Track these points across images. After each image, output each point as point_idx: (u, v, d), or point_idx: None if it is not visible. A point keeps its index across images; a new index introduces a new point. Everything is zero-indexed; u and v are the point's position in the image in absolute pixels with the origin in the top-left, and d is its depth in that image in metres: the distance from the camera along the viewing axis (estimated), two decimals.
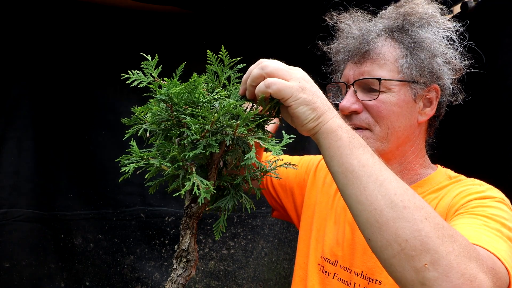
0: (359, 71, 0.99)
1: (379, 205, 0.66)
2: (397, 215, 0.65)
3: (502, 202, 0.88)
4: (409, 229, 0.64)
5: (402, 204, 0.65)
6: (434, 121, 1.05)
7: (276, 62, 0.76)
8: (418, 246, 0.63)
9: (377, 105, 0.96)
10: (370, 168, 0.69)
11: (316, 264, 1.10)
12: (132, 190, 1.90)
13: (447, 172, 1.04)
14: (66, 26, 1.78)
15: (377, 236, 0.66)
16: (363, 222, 0.68)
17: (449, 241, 0.63)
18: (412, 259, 0.63)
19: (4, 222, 1.70)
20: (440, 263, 0.61)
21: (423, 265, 0.62)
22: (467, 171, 1.05)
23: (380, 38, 0.99)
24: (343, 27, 1.06)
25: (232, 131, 0.73)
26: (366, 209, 0.67)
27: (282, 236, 2.06)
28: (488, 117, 1.59)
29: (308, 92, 0.73)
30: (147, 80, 0.79)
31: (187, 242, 0.80)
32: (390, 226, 0.65)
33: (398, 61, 0.97)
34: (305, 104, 0.72)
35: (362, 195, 0.68)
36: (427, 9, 1.00)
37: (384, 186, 0.67)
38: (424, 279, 0.62)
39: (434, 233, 0.63)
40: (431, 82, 0.98)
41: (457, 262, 0.62)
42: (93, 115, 1.86)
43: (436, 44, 0.97)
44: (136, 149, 0.75)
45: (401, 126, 0.98)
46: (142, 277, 1.89)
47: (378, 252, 0.67)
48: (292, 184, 1.26)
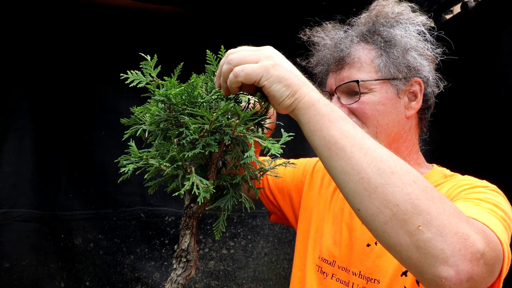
0: (339, 78, 1.02)
1: (366, 173, 0.65)
2: (385, 181, 0.64)
3: (495, 190, 0.88)
4: (399, 193, 0.63)
5: (389, 169, 0.65)
6: (424, 114, 1.07)
7: (242, 49, 0.75)
8: (410, 209, 0.62)
9: (361, 107, 0.99)
10: (353, 137, 0.69)
11: (314, 265, 1.10)
12: (132, 190, 1.90)
13: (443, 170, 1.05)
14: (66, 26, 1.78)
15: (367, 204, 0.65)
16: (351, 192, 0.67)
17: (439, 202, 0.63)
18: (405, 222, 0.62)
19: (4, 222, 1.70)
20: (433, 224, 0.61)
21: (417, 227, 0.61)
22: (467, 171, 1.05)
23: (353, 44, 1.02)
24: (317, 40, 1.10)
25: (231, 130, 0.73)
26: (353, 179, 0.66)
27: (282, 236, 2.06)
28: (488, 117, 1.59)
29: (279, 69, 0.72)
30: (146, 80, 0.79)
31: (187, 242, 0.80)
32: (379, 193, 0.64)
33: (374, 61, 1.00)
34: (278, 82, 0.71)
35: (347, 165, 0.67)
36: (396, 8, 1.03)
37: (369, 154, 0.67)
38: (419, 241, 0.61)
39: (424, 195, 0.63)
40: (411, 76, 1.00)
41: (449, 221, 0.62)
42: (93, 115, 1.86)
43: (406, 39, 1.00)
44: (135, 150, 0.75)
45: (389, 123, 0.99)
46: (142, 277, 1.89)
47: (369, 221, 0.66)
48: (289, 187, 1.26)
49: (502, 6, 1.53)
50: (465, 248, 0.61)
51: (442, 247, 0.61)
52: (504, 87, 1.51)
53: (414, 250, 0.62)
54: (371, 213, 0.65)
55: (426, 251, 0.61)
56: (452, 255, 0.60)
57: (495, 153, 1.54)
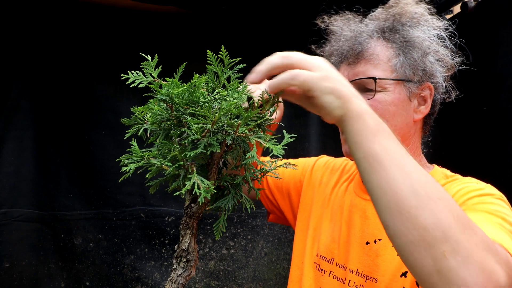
0: (353, 72, 1.00)
1: (402, 192, 0.65)
2: (419, 204, 0.64)
3: (501, 199, 0.88)
4: (430, 219, 0.62)
5: (425, 193, 0.64)
6: (428, 119, 1.06)
7: (298, 53, 0.74)
8: (439, 235, 0.62)
9: (373, 105, 0.96)
10: (392, 153, 0.68)
11: (312, 263, 1.10)
12: (132, 190, 1.90)
13: (444, 171, 1.05)
14: (66, 26, 1.78)
15: (396, 222, 0.65)
16: (382, 207, 0.67)
17: (469, 232, 0.63)
18: (431, 247, 0.62)
19: (4, 222, 1.70)
20: (460, 253, 0.61)
21: (443, 254, 0.61)
22: (467, 171, 1.05)
23: (372, 39, 1.00)
24: (335, 29, 1.07)
25: (233, 130, 0.73)
26: (386, 193, 0.66)
27: (282, 236, 2.07)
28: (488, 117, 1.59)
29: (332, 81, 0.71)
30: (147, 80, 0.79)
31: (187, 242, 0.79)
32: (411, 214, 0.63)
33: (391, 60, 0.98)
34: (330, 93, 0.71)
35: (383, 179, 0.67)
36: (416, 8, 1.01)
37: (406, 172, 0.66)
38: (442, 267, 0.61)
39: (456, 224, 0.62)
40: (425, 80, 0.99)
41: (477, 253, 0.61)
42: (93, 115, 1.86)
43: (427, 42, 0.98)
44: (136, 149, 0.75)
45: (397, 124, 0.98)
46: (142, 277, 1.89)
47: (395, 238, 0.66)
48: (288, 186, 1.26)
49: (502, 6, 1.53)
50: (488, 282, 0.61)
51: (464, 277, 0.60)
52: (504, 87, 1.51)
53: (435, 274, 0.62)
54: (399, 231, 0.65)
55: (448, 278, 0.61)
56: (473, 286, 0.60)
57: (495, 153, 1.54)
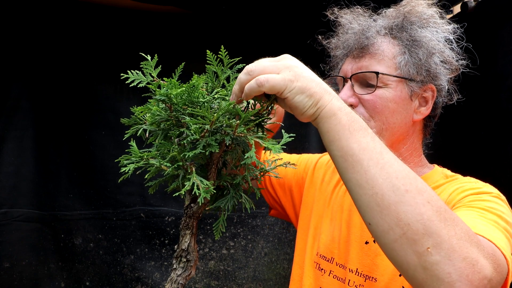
0: (357, 66, 1.00)
1: (381, 189, 0.65)
2: (399, 199, 0.63)
3: (498, 197, 0.88)
4: (411, 213, 0.62)
5: (404, 187, 0.64)
6: (429, 121, 1.06)
7: (261, 61, 0.73)
8: (421, 229, 0.61)
9: (373, 100, 0.97)
10: (370, 151, 0.67)
11: (312, 262, 1.10)
12: (132, 190, 1.90)
13: (444, 171, 1.05)
14: (66, 26, 1.79)
15: (378, 220, 0.65)
16: (363, 206, 0.67)
17: (451, 224, 0.63)
18: (414, 243, 0.62)
19: (4, 222, 1.70)
20: (443, 247, 0.61)
21: (426, 249, 0.61)
22: (467, 171, 1.05)
23: (379, 35, 1.00)
24: (344, 22, 1.07)
25: (231, 130, 0.73)
26: (366, 193, 0.66)
27: (282, 236, 2.06)
28: (488, 117, 1.59)
29: (301, 80, 0.70)
30: (146, 80, 0.79)
31: (187, 242, 0.80)
32: (391, 210, 0.63)
33: (396, 57, 0.98)
34: (301, 92, 0.69)
35: (362, 178, 0.66)
36: (427, 10, 1.01)
37: (385, 169, 0.66)
38: (426, 263, 0.61)
39: (437, 217, 0.62)
40: (428, 81, 0.99)
41: (459, 245, 0.61)
42: (93, 115, 1.86)
43: (434, 43, 0.98)
44: (135, 149, 0.75)
45: (396, 122, 0.98)
46: (142, 277, 1.89)
47: (379, 237, 0.66)
48: (290, 183, 1.26)
49: (502, 6, 1.53)
50: (473, 274, 0.61)
51: (449, 271, 0.60)
52: (504, 87, 1.51)
53: (421, 271, 0.62)
54: (381, 229, 0.64)
55: (433, 273, 0.61)
56: (459, 279, 0.60)
57: (495, 153, 1.54)
